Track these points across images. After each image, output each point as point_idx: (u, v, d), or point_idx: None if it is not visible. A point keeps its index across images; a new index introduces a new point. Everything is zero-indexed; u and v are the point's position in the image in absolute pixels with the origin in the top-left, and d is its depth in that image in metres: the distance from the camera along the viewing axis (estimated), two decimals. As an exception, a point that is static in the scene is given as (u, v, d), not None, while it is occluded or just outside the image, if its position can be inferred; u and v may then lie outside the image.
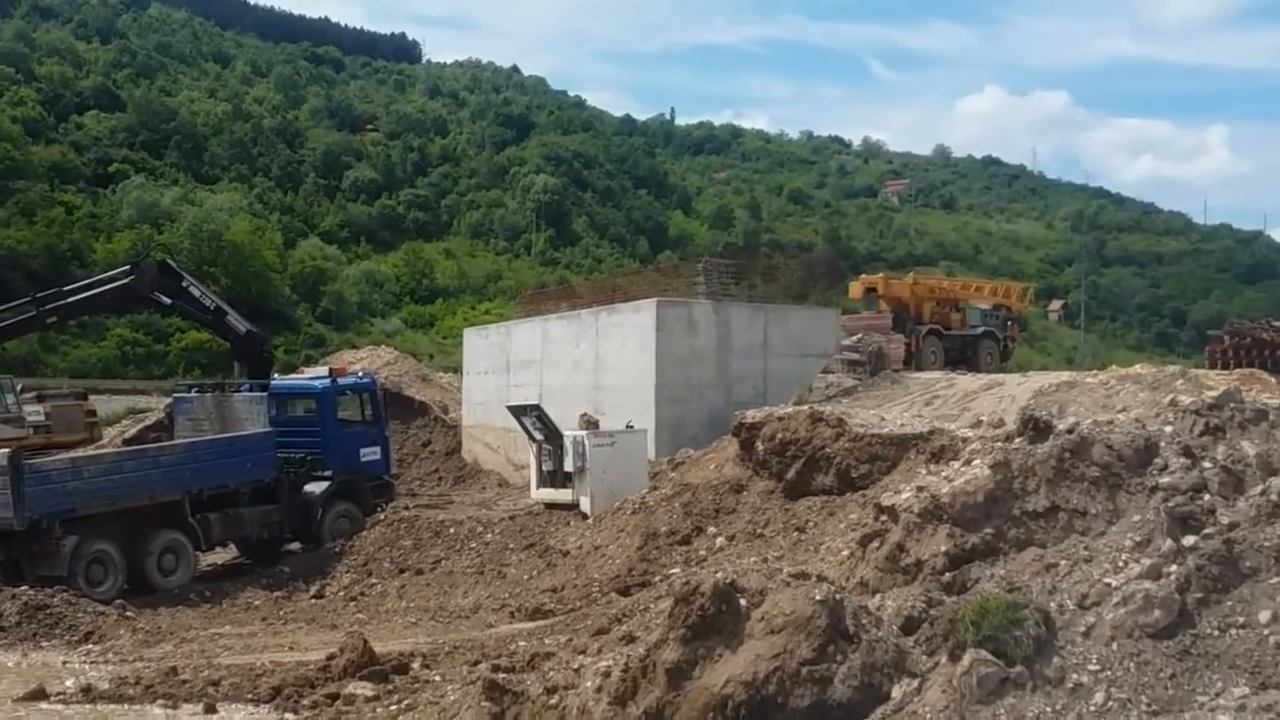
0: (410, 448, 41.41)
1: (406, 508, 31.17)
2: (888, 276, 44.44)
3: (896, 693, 9.84)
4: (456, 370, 47.06)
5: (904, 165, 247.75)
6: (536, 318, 39.98)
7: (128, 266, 34.18)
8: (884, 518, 13.02)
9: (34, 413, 33.14)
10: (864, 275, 45.50)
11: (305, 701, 16.91)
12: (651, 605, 18.67)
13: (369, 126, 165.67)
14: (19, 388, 36.66)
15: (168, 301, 33.27)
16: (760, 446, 25.38)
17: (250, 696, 17.76)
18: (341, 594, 26.43)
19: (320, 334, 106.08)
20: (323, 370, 33.99)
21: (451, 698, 13.93)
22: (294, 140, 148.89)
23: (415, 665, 18.35)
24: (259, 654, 20.88)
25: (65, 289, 33.70)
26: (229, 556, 31.61)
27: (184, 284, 33.21)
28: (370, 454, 31.89)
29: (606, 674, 11.35)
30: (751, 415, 26.37)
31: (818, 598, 10.28)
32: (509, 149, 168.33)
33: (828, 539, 20.62)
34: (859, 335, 36.59)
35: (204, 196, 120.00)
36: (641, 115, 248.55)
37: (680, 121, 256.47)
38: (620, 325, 34.07)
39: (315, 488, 30.52)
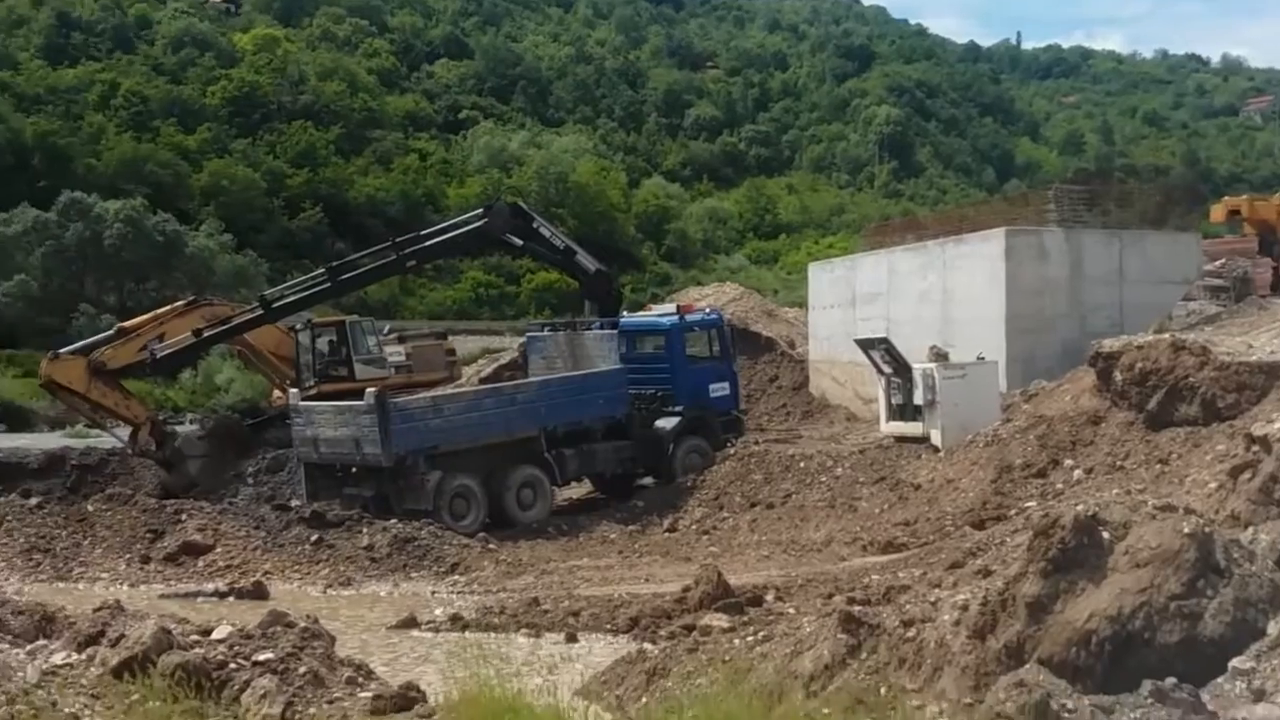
0: (757, 383, 41.34)
1: (756, 442, 31.06)
2: (1252, 198, 41.62)
3: (1272, 629, 9.12)
4: (801, 305, 46.66)
5: (1266, 81, 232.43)
6: (881, 251, 39.18)
7: (481, 210, 35.12)
8: (1256, 448, 12.16)
9: (395, 354, 34.41)
10: (1226, 198, 42.85)
11: (662, 632, 16.99)
12: (1007, 539, 18.02)
13: (709, 64, 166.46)
14: (385, 329, 38.26)
15: (519, 243, 34.05)
16: (1119, 377, 24.20)
17: (609, 627, 18.07)
18: (694, 528, 26.58)
19: (665, 272, 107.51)
20: (670, 307, 34.14)
21: (807, 630, 13.70)
22: (635, 80, 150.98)
23: (769, 598, 18.22)
24: (616, 586, 21.22)
25: (422, 233, 34.91)
26: (583, 491, 32.24)
27: (534, 225, 33.92)
28: (719, 389, 31.89)
29: (964, 607, 10.94)
30: (1109, 345, 25.15)
31: (1186, 530, 9.64)
32: (850, 81, 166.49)
33: (1193, 471, 19.46)
34: (1222, 260, 34.53)
35: (550, 139, 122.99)
36: (986, 41, 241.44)
37: (1027, 45, 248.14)
38: (968, 256, 33.03)
39: (666, 423, 30.71)
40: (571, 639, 17.67)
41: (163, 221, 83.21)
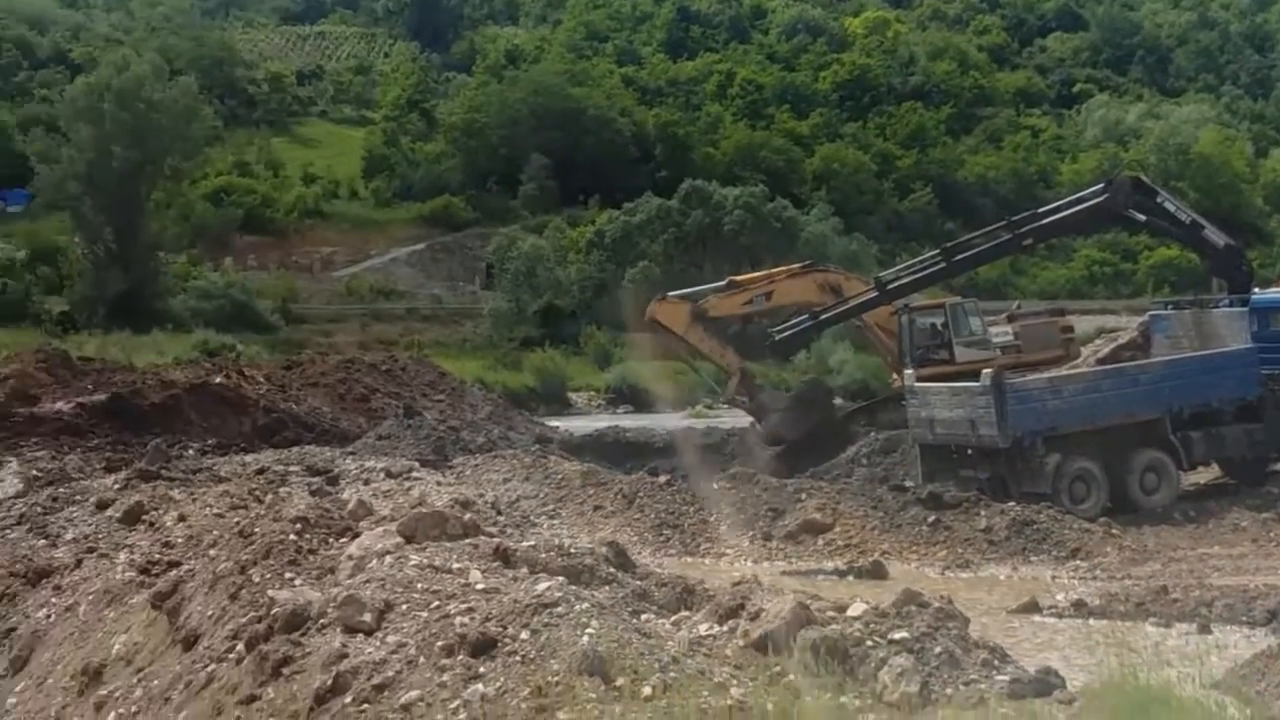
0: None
1: None
2: None
3: None
4: None
5: None
6: None
7: (1100, 185, 34.01)
8: None
9: (1001, 334, 33.89)
10: None
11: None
12: None
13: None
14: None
15: (1141, 218, 32.73)
16: None
17: (1244, 619, 17.12)
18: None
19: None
20: (1306, 282, 31.78)
21: None
22: (1263, 45, 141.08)
23: None
24: (1250, 576, 20.05)
25: (1039, 211, 34.18)
26: (1210, 476, 30.58)
27: (1158, 199, 32.50)
28: (1361, 370, 29.32)
29: None
30: None
31: None
32: None
33: None
34: None
35: (1169, 110, 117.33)
36: None
37: None
38: None
39: (1301, 406, 28.62)
40: (1205, 630, 16.80)
41: (779, 207, 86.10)
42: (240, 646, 8.53)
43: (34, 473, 19.17)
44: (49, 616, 12.56)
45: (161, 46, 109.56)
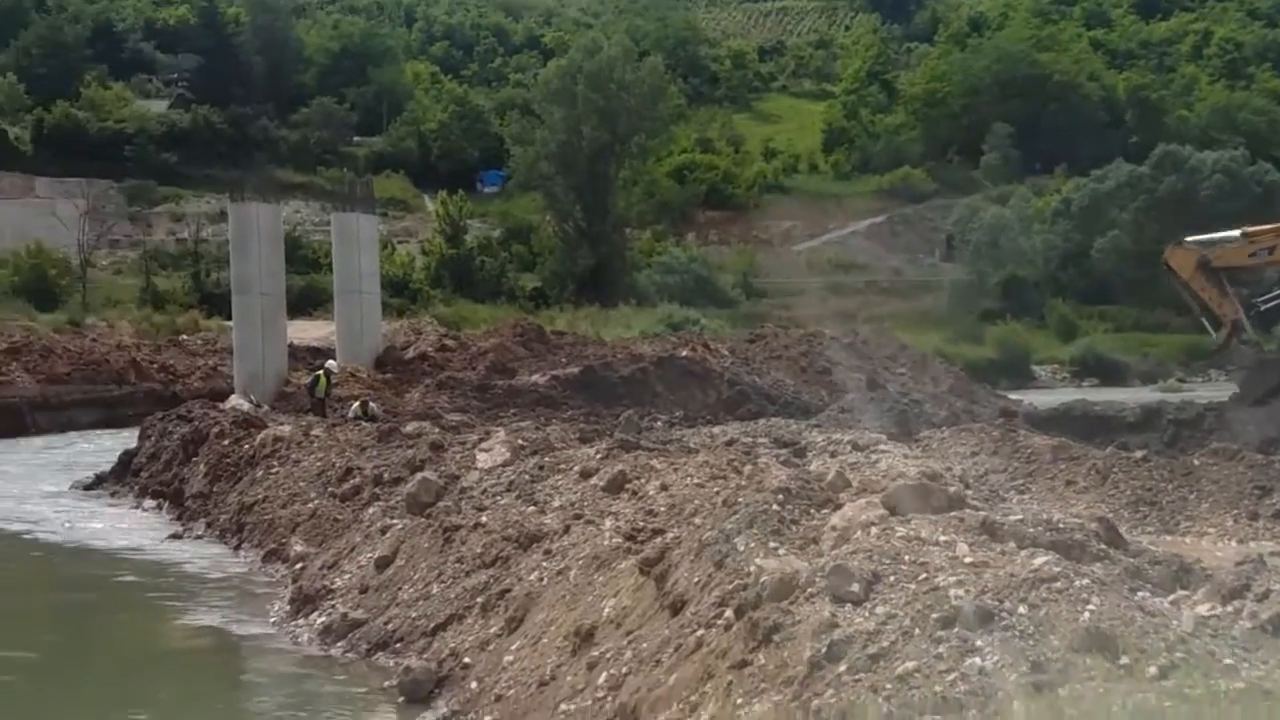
0: None
1: None
2: None
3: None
4: None
5: None
6: None
7: None
8: None
9: None
10: None
11: None
12: None
13: None
14: None
15: None
16: None
17: None
18: None
19: None
20: None
21: None
22: None
23: None
24: None
25: None
26: None
27: None
28: None
29: None
30: None
31: None
32: None
33: None
34: None
35: None
36: None
37: None
38: None
39: None
40: None
41: (1261, 171, 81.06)
42: (729, 613, 8.74)
43: (520, 442, 20.22)
44: (541, 579, 13.20)
45: (629, 28, 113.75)
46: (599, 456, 16.86)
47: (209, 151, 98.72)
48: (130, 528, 24.88)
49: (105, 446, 36.17)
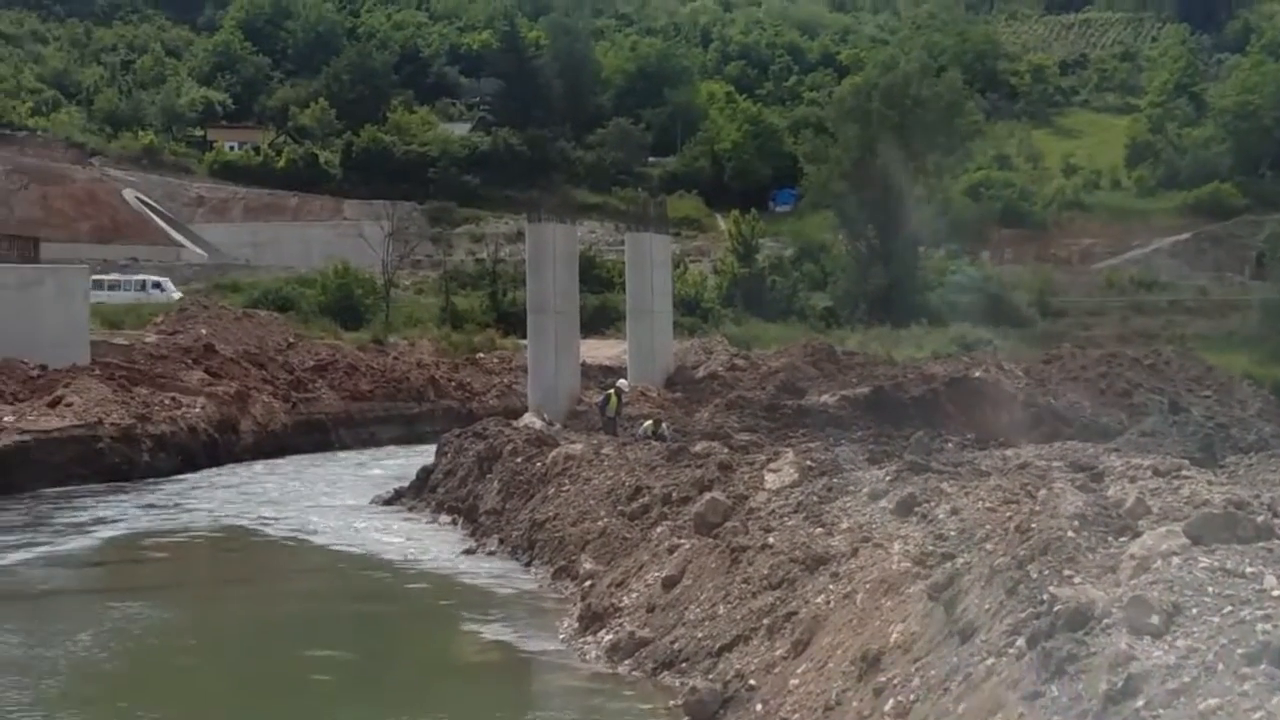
0: None
1: None
2: None
3: None
4: None
5: None
6: None
7: None
8: None
9: None
10: None
11: None
12: None
13: None
14: None
15: None
16: None
17: None
18: None
19: None
20: None
21: None
22: None
23: None
24: None
25: None
26: None
27: None
28: None
29: None
30: None
31: None
32: None
33: None
34: None
35: None
36: None
37: None
38: None
39: None
40: None
41: None
42: (1021, 642, 8.52)
43: (808, 463, 20.14)
44: (827, 602, 13.11)
45: (927, 43, 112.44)
46: (888, 478, 16.64)
47: (508, 173, 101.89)
48: (426, 543, 25.77)
49: (402, 463, 37.58)
